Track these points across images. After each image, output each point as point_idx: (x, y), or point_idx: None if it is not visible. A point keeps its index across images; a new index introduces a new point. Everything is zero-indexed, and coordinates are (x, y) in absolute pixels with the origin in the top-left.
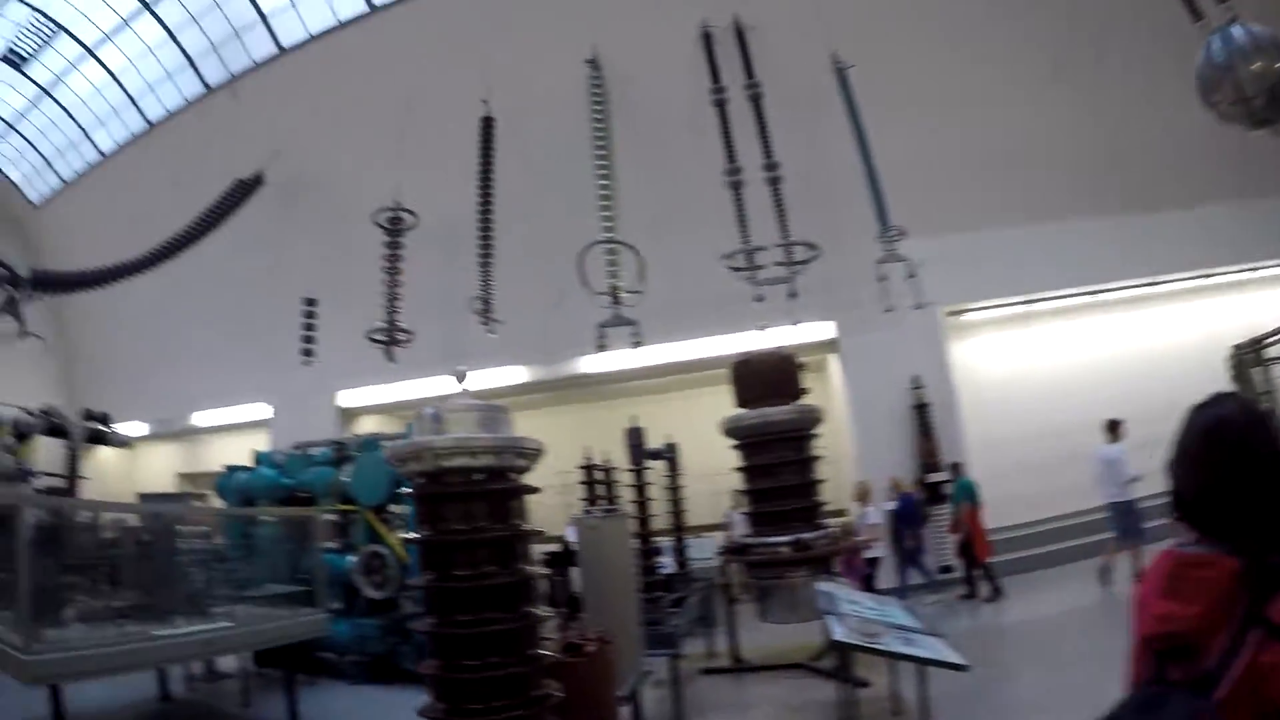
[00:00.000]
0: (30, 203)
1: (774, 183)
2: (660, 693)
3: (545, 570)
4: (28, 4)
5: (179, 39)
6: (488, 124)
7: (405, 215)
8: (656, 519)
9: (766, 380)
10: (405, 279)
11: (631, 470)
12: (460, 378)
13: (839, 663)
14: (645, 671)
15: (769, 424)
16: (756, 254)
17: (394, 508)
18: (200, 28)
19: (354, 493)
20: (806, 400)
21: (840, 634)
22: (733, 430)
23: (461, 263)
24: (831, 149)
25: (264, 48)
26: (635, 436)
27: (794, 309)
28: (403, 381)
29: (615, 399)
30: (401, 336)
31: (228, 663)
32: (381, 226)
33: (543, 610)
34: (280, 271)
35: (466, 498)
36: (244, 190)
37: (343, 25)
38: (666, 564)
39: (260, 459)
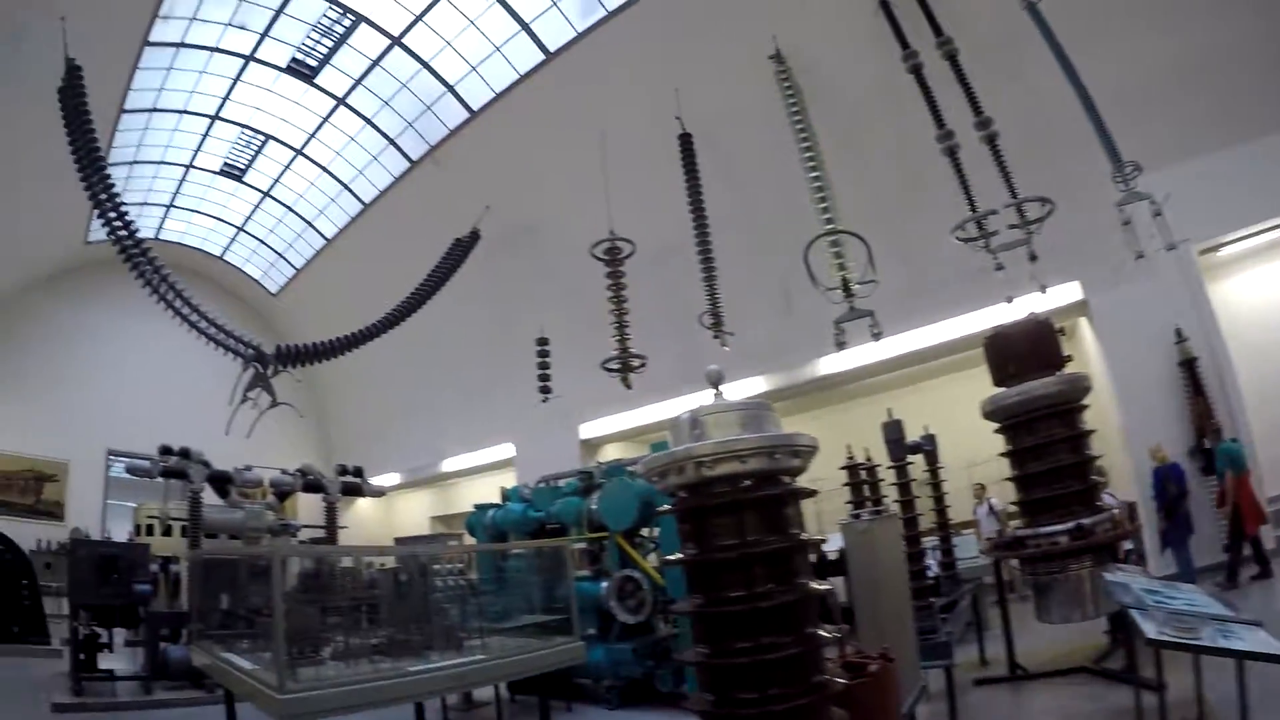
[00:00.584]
0: (269, 292)
1: (990, 140)
2: (933, 708)
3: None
4: (234, 122)
5: (376, 124)
6: (686, 141)
7: (621, 244)
8: (921, 518)
9: (1024, 352)
10: (631, 305)
11: (893, 467)
12: (715, 380)
13: (1127, 664)
14: (922, 687)
15: (1033, 399)
16: (986, 220)
17: (644, 532)
18: (393, 109)
19: (603, 519)
20: (1069, 369)
21: (1153, 632)
22: (994, 412)
23: (683, 282)
24: (1040, 93)
25: (456, 114)
26: (894, 430)
27: (1036, 273)
28: (641, 408)
29: (858, 398)
30: (635, 362)
31: (484, 690)
32: (599, 259)
33: (827, 631)
34: (511, 317)
35: (736, 508)
36: (464, 248)
37: (523, 76)
38: (932, 565)
39: (509, 495)
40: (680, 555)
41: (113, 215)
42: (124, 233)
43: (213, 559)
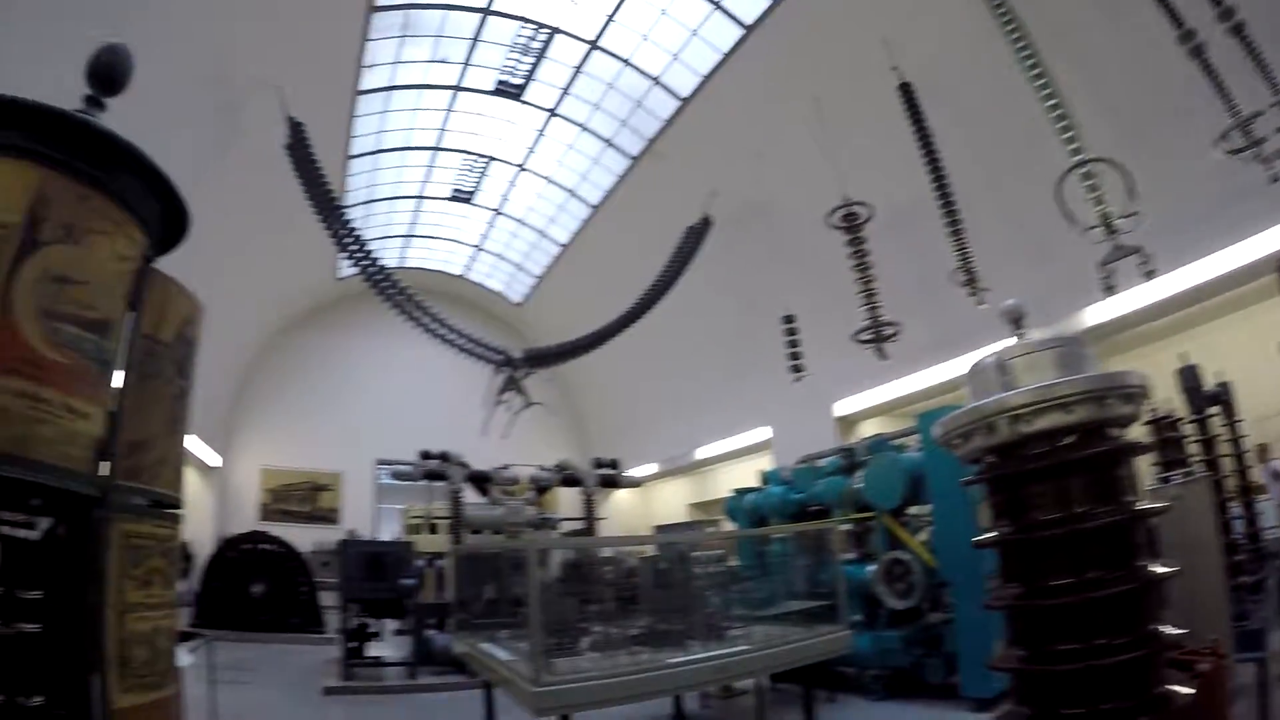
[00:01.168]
0: (513, 303)
1: (1237, 30)
2: (1238, 708)
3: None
4: (455, 150)
5: (590, 128)
6: (907, 91)
7: (857, 209)
8: (1227, 479)
9: None
10: (876, 273)
11: (1193, 420)
12: (1016, 317)
13: None
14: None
15: None
16: (1253, 125)
17: (912, 510)
18: (604, 111)
19: (868, 498)
20: None
21: None
22: None
23: (927, 242)
24: None
25: (666, 104)
26: (1191, 377)
27: None
28: (896, 380)
29: (1127, 351)
30: (888, 331)
31: (744, 679)
32: (838, 227)
33: (1170, 631)
34: (754, 298)
35: (1059, 472)
36: (696, 235)
37: (726, 55)
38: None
39: (768, 477)
40: (993, 534)
41: (355, 251)
42: (368, 264)
43: (473, 554)
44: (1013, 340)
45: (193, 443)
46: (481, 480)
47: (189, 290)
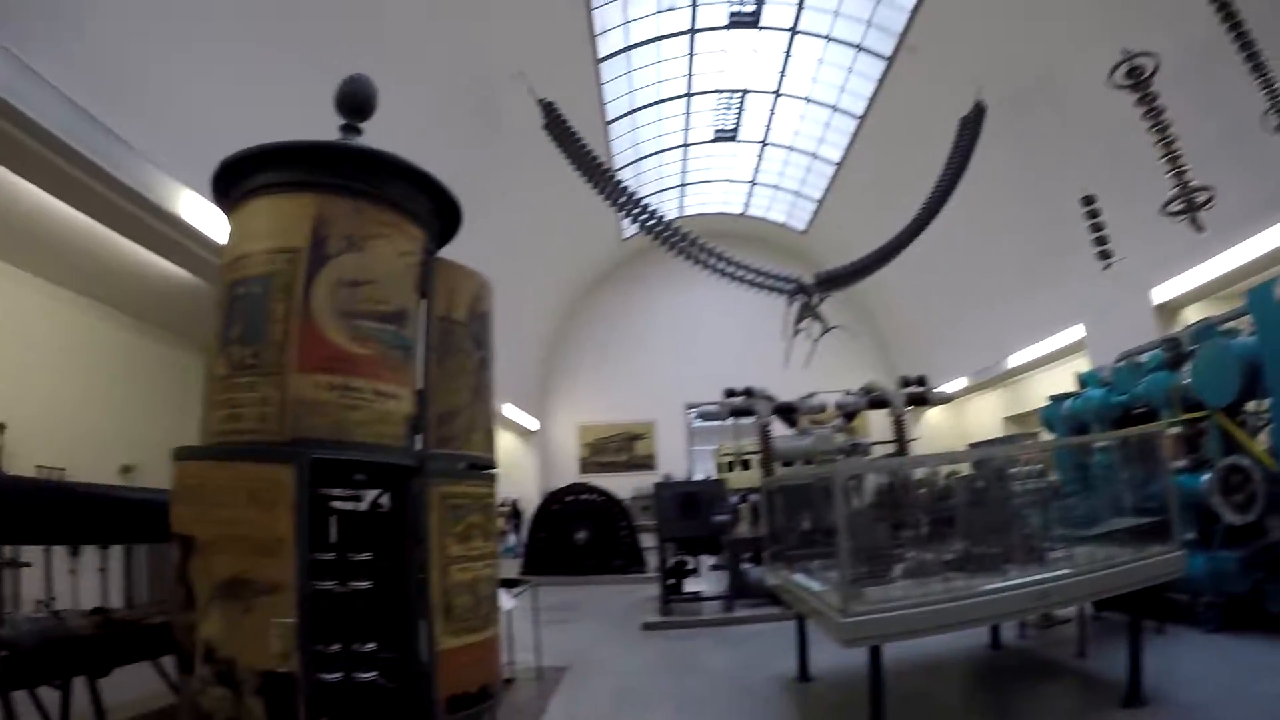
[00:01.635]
0: (798, 231)
1: None
2: None
3: None
4: (707, 91)
5: (836, 37)
6: None
7: (1141, 61)
8: None
9: None
10: (1177, 131)
11: None
12: None
13: None
14: None
15: None
16: None
17: (1251, 405)
18: (845, 16)
19: (1198, 394)
20: None
21: None
22: None
23: (1228, 90)
24: None
25: None
26: None
27: None
28: (1221, 254)
29: None
30: (1200, 198)
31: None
32: (1123, 86)
33: None
34: (1048, 185)
35: None
36: (971, 126)
37: None
38: None
39: (1085, 380)
40: None
41: (631, 209)
42: (646, 219)
43: (782, 485)
44: None
45: (511, 410)
46: (788, 411)
47: (472, 269)
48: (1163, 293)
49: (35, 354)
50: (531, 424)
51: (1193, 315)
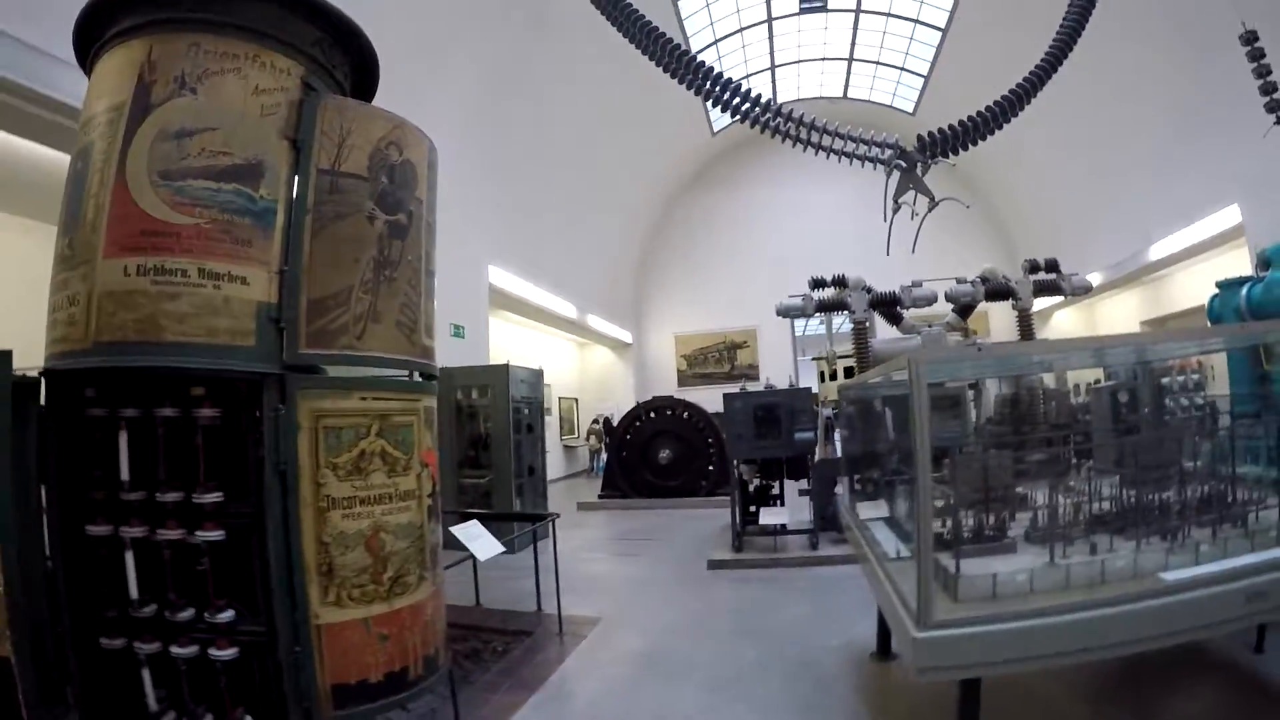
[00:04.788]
0: (908, 114)
1: None
2: None
3: None
4: None
5: None
6: None
7: None
8: None
9: None
10: None
11: None
12: None
13: None
14: None
15: None
16: None
17: None
18: None
19: None
20: None
21: None
22: None
23: None
24: None
25: None
26: None
27: None
28: None
29: None
30: None
31: None
32: None
33: None
34: (1193, 28)
35: None
36: None
37: None
38: None
39: (1268, 258)
40: None
41: (703, 83)
42: (720, 91)
43: (858, 394)
44: None
45: (601, 323)
46: (889, 304)
47: (378, 109)
48: None
49: None
50: (625, 336)
51: None
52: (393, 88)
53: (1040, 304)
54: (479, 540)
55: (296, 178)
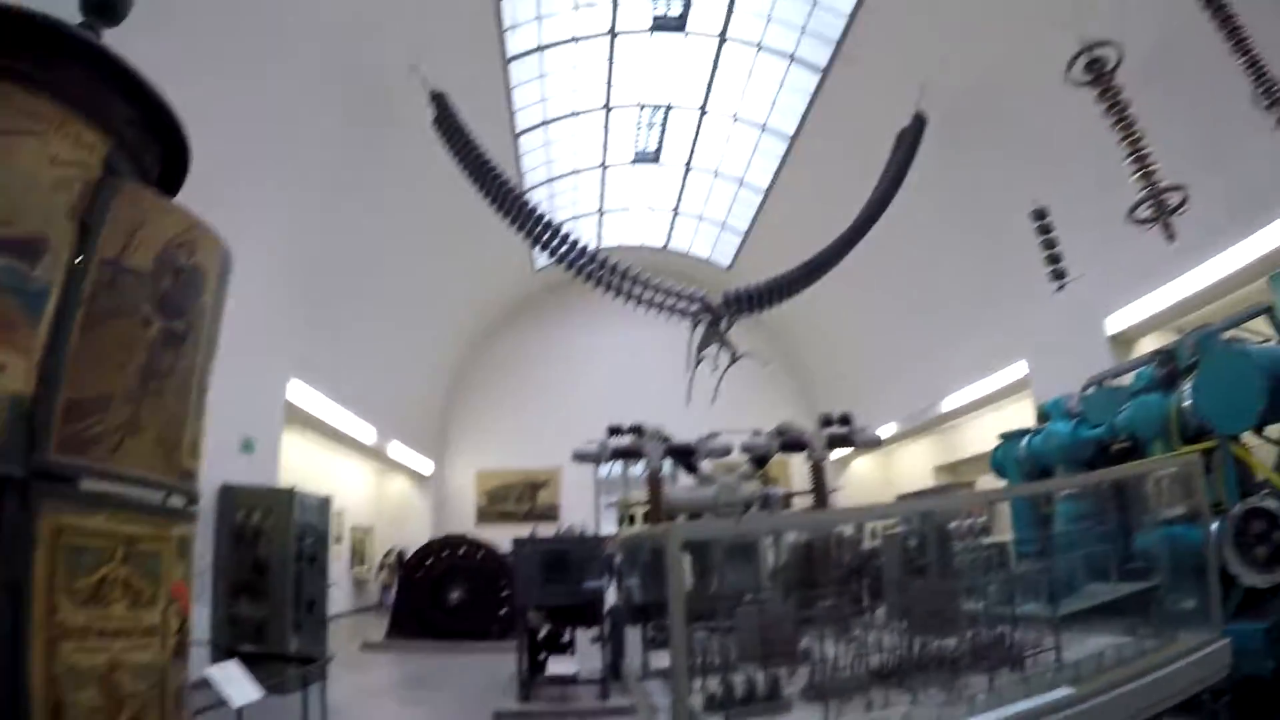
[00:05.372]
0: (723, 268)
1: None
2: None
3: None
4: (628, 105)
5: (768, 46)
6: None
7: (1102, 52)
8: None
9: None
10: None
11: None
12: None
13: None
14: None
15: None
16: None
17: (1274, 431)
18: (779, 22)
19: (1204, 418)
20: None
21: None
22: None
23: (1192, 92)
24: None
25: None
26: None
27: None
28: (1187, 274)
29: None
30: (1172, 200)
31: None
32: (1083, 82)
33: None
34: (993, 204)
35: None
36: (910, 139)
37: None
38: None
39: (1047, 411)
40: None
41: (527, 222)
42: (540, 231)
43: (631, 546)
44: None
45: (402, 450)
46: (685, 455)
47: (177, 205)
48: (1119, 321)
49: None
50: (425, 467)
51: (1149, 345)
52: (209, 182)
53: (840, 450)
54: (235, 684)
55: (78, 263)
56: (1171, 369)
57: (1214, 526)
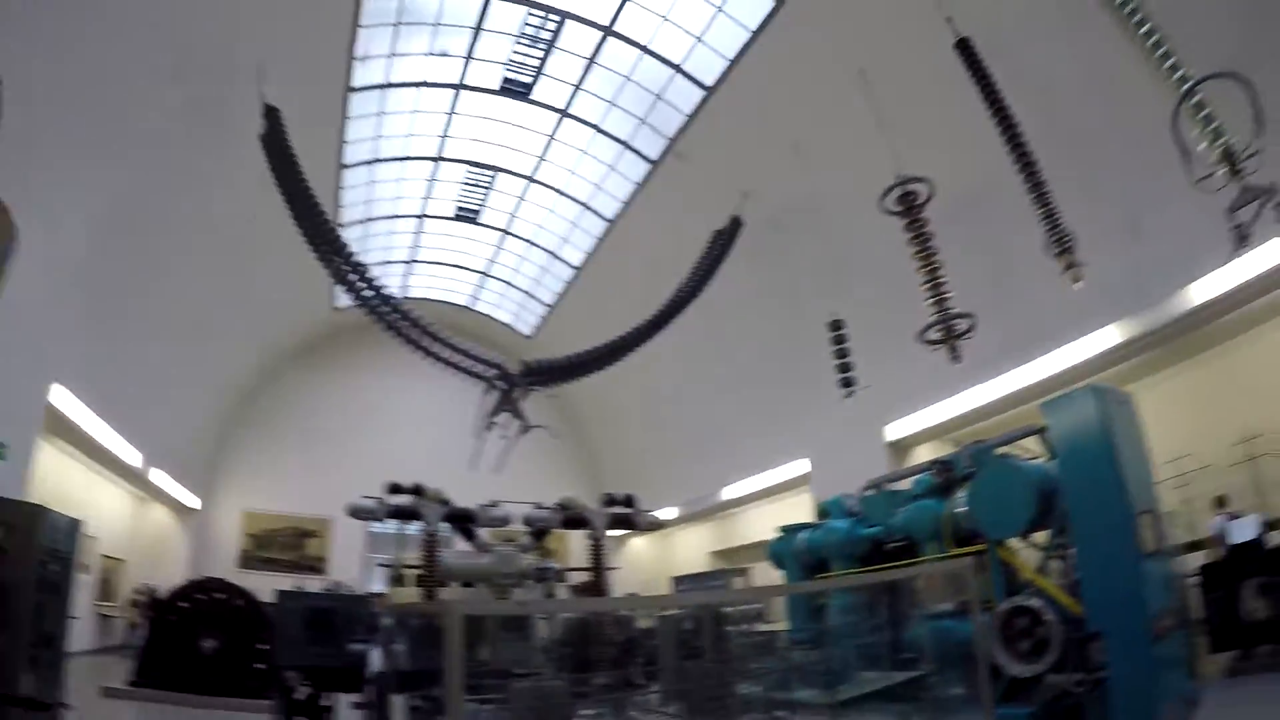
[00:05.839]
0: (524, 336)
1: None
2: None
3: None
4: (459, 160)
5: (606, 130)
6: (966, 47)
7: (916, 187)
8: None
9: None
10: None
11: None
12: None
13: None
14: None
15: None
16: None
17: (1038, 538)
18: (621, 109)
19: (978, 524)
20: None
21: None
22: None
23: (989, 235)
24: None
25: (690, 96)
26: None
27: None
28: (963, 392)
29: (1233, 336)
30: (961, 326)
31: None
32: (893, 212)
33: None
34: (793, 312)
35: None
36: (725, 239)
37: (756, 32)
38: None
39: (827, 509)
40: None
41: (334, 257)
42: (346, 268)
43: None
44: None
45: (168, 481)
46: (464, 520)
47: None
48: (897, 429)
49: None
50: (190, 500)
51: (923, 454)
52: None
53: (621, 530)
54: None
55: None
56: (948, 477)
57: (982, 621)
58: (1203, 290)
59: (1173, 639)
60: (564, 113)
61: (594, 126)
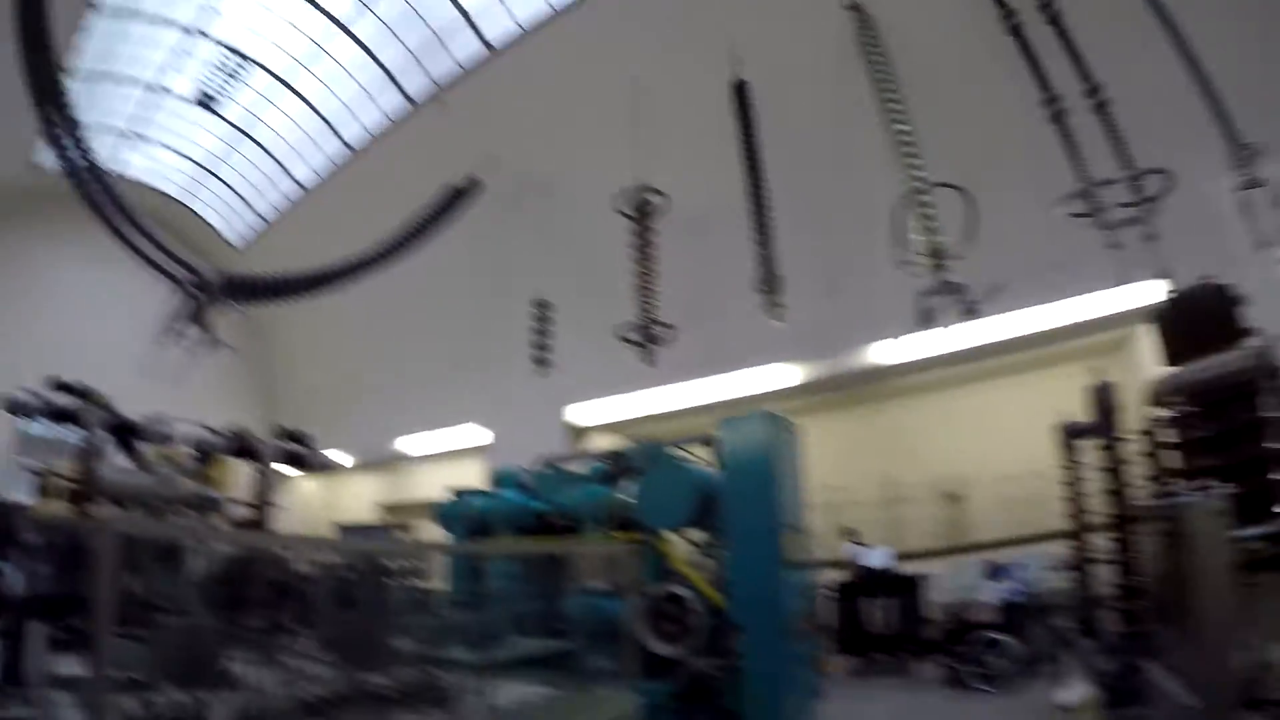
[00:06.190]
0: (231, 245)
1: (1101, 108)
2: None
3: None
4: (218, 40)
5: (377, 56)
6: (741, 90)
7: (652, 197)
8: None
9: (1203, 322)
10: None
11: (1105, 446)
12: None
13: None
14: None
15: (1227, 375)
16: (1098, 193)
17: (694, 533)
18: (400, 40)
19: (642, 515)
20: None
21: None
22: (1174, 391)
23: (709, 255)
24: (1138, 71)
25: (471, 49)
26: (1105, 395)
27: (1140, 259)
28: (642, 390)
29: (894, 398)
30: (661, 333)
31: None
32: (627, 215)
33: None
34: (507, 282)
35: None
36: (456, 197)
37: (559, 13)
38: None
39: (501, 479)
40: None
41: (53, 109)
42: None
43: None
44: None
45: None
46: (126, 432)
47: None
48: (579, 413)
49: None
50: None
51: (602, 443)
52: None
53: (292, 468)
54: None
55: None
56: (620, 466)
57: (634, 603)
58: (878, 354)
59: (804, 639)
60: (342, 26)
61: (366, 49)
